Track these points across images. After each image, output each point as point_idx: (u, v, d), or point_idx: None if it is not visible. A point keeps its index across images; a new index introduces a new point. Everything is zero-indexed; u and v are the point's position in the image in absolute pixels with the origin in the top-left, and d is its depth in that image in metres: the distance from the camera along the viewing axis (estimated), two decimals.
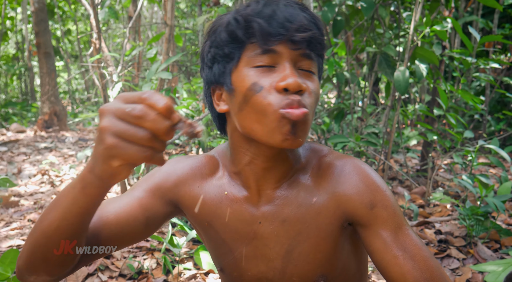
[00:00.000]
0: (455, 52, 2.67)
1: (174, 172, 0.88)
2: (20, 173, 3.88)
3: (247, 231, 0.84)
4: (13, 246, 2.19)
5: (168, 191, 0.87)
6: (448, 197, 2.36)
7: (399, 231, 0.78)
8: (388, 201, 0.79)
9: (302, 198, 0.82)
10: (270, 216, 0.83)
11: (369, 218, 0.79)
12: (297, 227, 0.82)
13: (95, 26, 3.09)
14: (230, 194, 0.85)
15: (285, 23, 0.72)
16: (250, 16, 0.73)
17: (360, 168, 0.82)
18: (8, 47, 12.66)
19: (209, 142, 2.94)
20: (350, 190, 0.80)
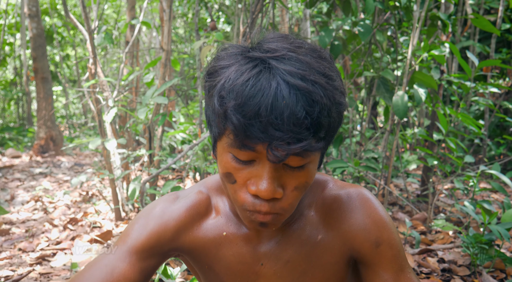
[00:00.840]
0: (453, 76, 2.66)
1: (170, 218, 0.79)
2: (13, 200, 3.80)
3: (249, 273, 0.80)
4: (1, 277, 2.11)
5: (168, 243, 0.79)
6: (451, 224, 2.30)
7: (402, 274, 0.75)
8: (394, 240, 0.76)
9: (306, 236, 0.78)
10: (273, 256, 0.78)
11: (373, 256, 0.75)
12: (301, 267, 0.78)
13: (91, 51, 3.08)
14: (230, 235, 0.79)
15: (267, 129, 0.60)
16: (229, 108, 0.61)
17: (367, 201, 0.78)
18: (7, 73, 12.73)
19: (206, 167, 2.89)
20: (357, 226, 0.77)
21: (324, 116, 0.62)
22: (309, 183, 0.69)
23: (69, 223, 2.99)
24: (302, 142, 0.60)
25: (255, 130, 0.60)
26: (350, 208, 0.77)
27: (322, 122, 0.62)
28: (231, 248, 0.80)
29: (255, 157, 0.65)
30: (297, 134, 0.60)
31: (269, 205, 0.66)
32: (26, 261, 2.36)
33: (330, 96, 0.63)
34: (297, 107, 0.60)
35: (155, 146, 3.07)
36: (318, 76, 0.63)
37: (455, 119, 2.78)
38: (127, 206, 3.08)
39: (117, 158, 2.99)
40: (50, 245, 2.61)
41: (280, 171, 0.65)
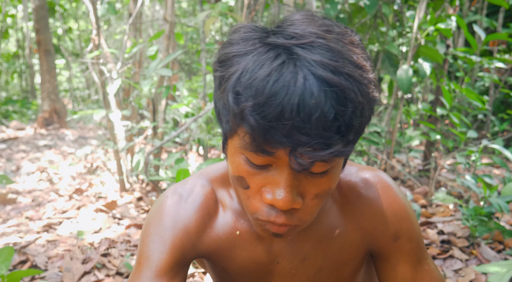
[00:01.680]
0: (459, 50, 2.63)
1: (187, 224, 0.70)
2: (19, 171, 3.85)
3: (263, 272, 0.75)
4: (10, 244, 2.16)
5: (191, 251, 0.70)
6: (451, 197, 2.33)
7: (419, 266, 0.72)
8: (414, 231, 0.72)
9: (324, 231, 0.72)
10: (289, 253, 0.73)
11: (391, 250, 0.72)
12: (318, 264, 0.74)
13: (94, 23, 3.06)
14: (243, 233, 0.72)
15: (292, 133, 0.51)
16: (247, 108, 0.52)
17: (386, 189, 0.72)
18: (9, 45, 12.65)
19: (209, 140, 2.91)
20: (376, 219, 0.71)
21: (357, 116, 0.53)
22: (332, 189, 0.60)
23: (75, 193, 3.04)
24: (331, 147, 0.52)
25: (277, 134, 0.51)
26: (369, 198, 0.71)
27: (354, 123, 0.53)
28: (246, 247, 0.73)
29: (273, 162, 0.56)
30: (326, 139, 0.51)
31: (286, 217, 0.58)
32: (33, 229, 2.41)
33: (364, 92, 0.54)
34: (327, 106, 0.50)
35: (158, 119, 3.09)
36: (352, 68, 0.53)
37: (460, 94, 2.77)
38: (132, 177, 3.12)
39: (121, 130, 3.01)
40: (56, 214, 2.67)
41: (300, 178, 0.57)
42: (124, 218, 2.53)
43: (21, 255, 1.98)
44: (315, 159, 0.52)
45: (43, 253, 2.04)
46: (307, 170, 0.54)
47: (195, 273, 1.80)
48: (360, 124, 0.55)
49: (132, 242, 2.14)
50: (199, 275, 1.79)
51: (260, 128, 0.51)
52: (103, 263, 1.90)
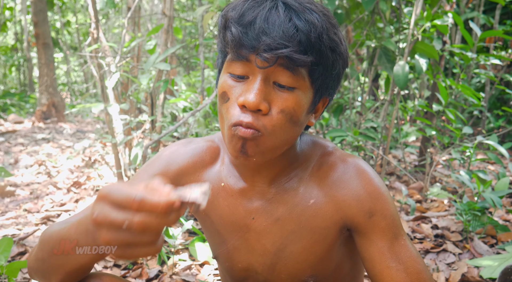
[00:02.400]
0: (455, 47, 2.65)
1: (174, 161, 0.86)
2: (17, 164, 3.87)
3: (241, 224, 0.83)
4: (8, 235, 2.18)
5: (175, 180, 0.85)
6: (446, 192, 2.36)
7: (396, 241, 0.76)
8: (388, 210, 0.77)
9: (299, 199, 0.80)
10: (264, 212, 0.81)
11: (367, 226, 0.77)
12: (290, 227, 0.80)
13: (93, 16, 3.06)
14: (227, 186, 0.83)
15: (259, 35, 0.65)
16: (230, 21, 0.68)
17: (363, 172, 0.79)
18: (7, 38, 12.59)
19: (207, 134, 2.93)
20: (350, 196, 0.77)
21: (314, 36, 0.65)
22: (297, 113, 0.69)
23: (73, 186, 3.05)
24: (289, 48, 0.64)
25: (248, 37, 0.65)
26: (345, 177, 0.78)
27: (312, 41, 0.65)
28: (227, 198, 0.83)
29: (249, 72, 0.69)
30: (285, 41, 0.64)
31: (253, 117, 0.67)
32: (32, 221, 2.43)
33: (323, 23, 0.67)
34: (289, 20, 0.65)
35: (157, 113, 3.10)
36: (317, 9, 0.68)
37: (456, 90, 2.79)
38: (129, 171, 3.13)
39: (119, 124, 3.02)
40: (55, 206, 2.68)
41: (269, 89, 0.68)
42: None
43: (20, 247, 2.00)
44: (276, 54, 0.64)
45: None
46: (271, 67, 0.66)
47: (192, 265, 1.83)
48: (321, 51, 0.67)
49: None
50: (196, 267, 1.82)
51: (237, 32, 0.65)
52: None
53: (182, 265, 1.82)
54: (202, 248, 1.84)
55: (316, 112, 0.78)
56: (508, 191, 2.04)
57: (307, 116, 0.74)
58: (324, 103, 0.78)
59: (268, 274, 0.85)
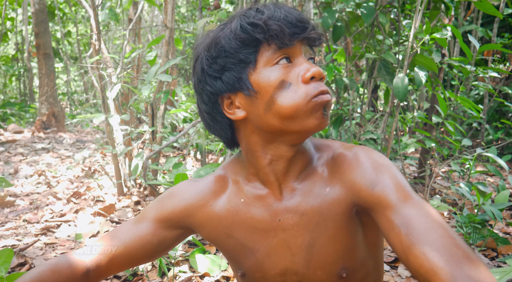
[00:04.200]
0: (454, 60, 2.68)
1: (184, 201, 0.91)
2: (17, 174, 3.87)
3: (268, 229, 0.85)
4: (8, 246, 2.17)
5: (180, 220, 0.91)
6: (446, 205, 2.36)
7: (404, 204, 0.73)
8: (389, 177, 0.77)
9: (317, 189, 0.83)
10: (289, 211, 0.84)
11: (372, 198, 0.76)
12: (315, 219, 0.83)
13: (95, 28, 3.09)
14: (246, 199, 0.86)
15: (298, 24, 0.77)
16: (267, 20, 0.76)
17: (368, 153, 0.82)
18: (8, 48, 12.65)
19: (207, 145, 2.94)
20: (354, 174, 0.80)
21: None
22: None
23: (73, 196, 3.05)
24: (316, 28, 0.80)
25: (291, 28, 0.77)
26: (352, 161, 0.81)
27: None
28: (249, 211, 0.86)
29: (292, 55, 0.79)
30: (313, 25, 0.80)
31: (322, 84, 0.79)
32: (31, 231, 2.43)
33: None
34: (299, 12, 0.80)
35: (157, 123, 3.11)
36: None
37: (455, 103, 2.81)
38: (129, 182, 3.13)
39: (119, 134, 3.03)
40: (54, 217, 2.68)
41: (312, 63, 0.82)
42: (122, 222, 2.55)
43: (20, 258, 2.00)
44: (317, 35, 0.80)
45: (41, 256, 2.05)
46: (314, 45, 0.82)
47: (192, 277, 1.82)
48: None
49: None
50: (196, 279, 1.81)
51: (282, 29, 0.76)
52: None
53: (182, 276, 1.81)
54: (203, 260, 1.84)
55: None
56: (508, 204, 2.04)
57: None
58: None
59: (304, 273, 0.85)
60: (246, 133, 0.83)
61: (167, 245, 0.93)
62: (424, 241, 0.67)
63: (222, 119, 0.84)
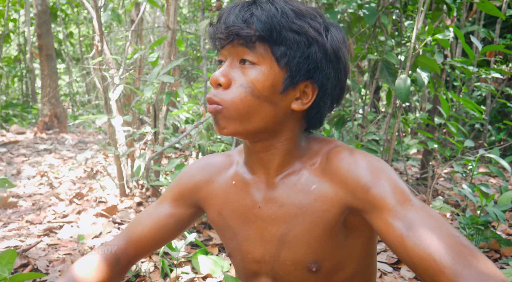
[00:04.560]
0: (456, 61, 2.68)
1: (193, 177, 0.98)
2: (19, 174, 3.87)
3: (249, 215, 0.90)
4: (11, 247, 2.18)
5: (190, 196, 0.98)
6: (448, 206, 2.36)
7: (401, 207, 0.72)
8: (385, 179, 0.76)
9: (301, 185, 0.84)
10: (269, 200, 0.87)
11: (367, 200, 0.76)
12: (293, 211, 0.84)
13: (98, 29, 3.10)
14: (237, 182, 0.91)
15: (222, 25, 0.79)
16: (212, 23, 0.82)
17: (364, 155, 0.81)
18: (10, 49, 12.68)
19: (209, 146, 2.94)
20: (348, 175, 0.79)
21: (266, 19, 0.75)
22: (257, 87, 0.78)
23: (75, 197, 3.06)
24: (236, 27, 0.76)
25: (217, 29, 0.79)
26: (345, 162, 0.80)
27: (263, 21, 0.75)
28: (236, 193, 0.91)
29: (223, 58, 0.82)
30: (236, 24, 0.76)
31: (214, 91, 0.80)
32: (34, 232, 2.43)
33: (283, 10, 0.76)
34: (246, 10, 0.77)
35: (159, 125, 3.12)
36: (284, 3, 0.78)
37: (457, 103, 2.81)
38: (132, 183, 3.14)
39: (122, 135, 3.04)
40: (57, 218, 2.68)
41: (235, 68, 0.79)
42: (124, 223, 2.55)
43: (22, 259, 2.00)
44: (228, 32, 0.76)
45: (44, 257, 2.05)
46: (227, 45, 0.79)
47: (195, 278, 1.82)
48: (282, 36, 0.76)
49: None
50: (199, 280, 1.81)
51: (212, 28, 0.81)
52: None
53: (185, 278, 1.81)
54: (205, 261, 1.84)
55: (305, 99, 0.82)
56: (511, 205, 2.04)
57: (280, 95, 0.80)
58: (314, 91, 0.82)
59: (275, 261, 0.88)
60: None
61: (183, 224, 1.00)
62: (428, 242, 0.67)
63: None
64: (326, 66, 0.80)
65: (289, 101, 0.81)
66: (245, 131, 0.81)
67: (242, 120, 0.79)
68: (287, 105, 0.81)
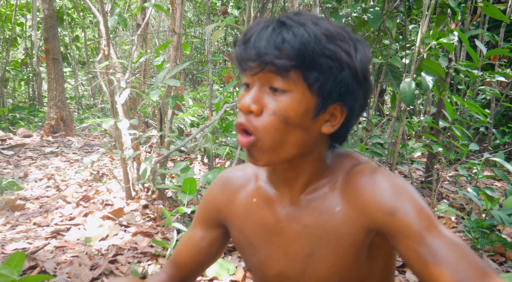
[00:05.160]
0: (461, 64, 2.68)
1: (215, 198, 0.98)
2: (26, 177, 3.91)
3: (272, 232, 0.88)
4: (18, 249, 2.20)
5: (215, 217, 0.98)
6: (453, 209, 2.36)
7: (427, 234, 0.72)
8: (410, 204, 0.75)
9: (326, 206, 0.83)
10: (293, 219, 0.86)
11: (392, 225, 0.75)
12: (317, 233, 0.83)
13: (105, 33, 3.13)
14: (258, 199, 0.90)
15: (251, 48, 0.74)
16: (237, 47, 0.78)
17: (387, 177, 0.79)
18: (17, 53, 12.79)
19: (215, 150, 2.96)
20: (370, 198, 0.77)
21: (299, 44, 0.71)
22: (290, 115, 0.75)
23: (82, 200, 3.08)
24: (269, 55, 0.72)
25: (245, 51, 0.75)
26: (368, 183, 0.79)
27: (296, 48, 0.72)
28: (258, 211, 0.89)
29: (251, 81, 0.77)
30: (268, 50, 0.72)
31: (245, 119, 0.76)
32: (41, 235, 2.46)
33: (315, 34, 0.72)
34: (277, 34, 0.72)
35: (165, 128, 3.14)
36: (314, 24, 0.74)
37: (461, 107, 2.82)
38: (137, 185, 3.16)
39: (128, 139, 3.06)
40: (64, 220, 2.71)
41: (265, 94, 0.76)
42: (131, 226, 2.57)
43: (31, 261, 2.02)
44: (261, 61, 0.72)
45: (52, 259, 2.08)
46: (260, 73, 0.74)
47: (201, 281, 1.84)
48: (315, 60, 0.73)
49: (139, 250, 2.18)
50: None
51: (238, 49, 0.76)
52: (111, 269, 1.93)
53: None
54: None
55: (334, 121, 0.80)
56: None
57: (312, 120, 0.77)
58: (342, 113, 0.80)
59: (300, 278, 0.87)
60: None
61: (218, 245, 1.00)
62: (455, 271, 0.68)
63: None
64: (355, 89, 0.79)
65: (319, 125, 0.79)
66: (279, 159, 0.79)
67: (276, 149, 0.77)
68: (318, 129, 0.79)
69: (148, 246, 2.23)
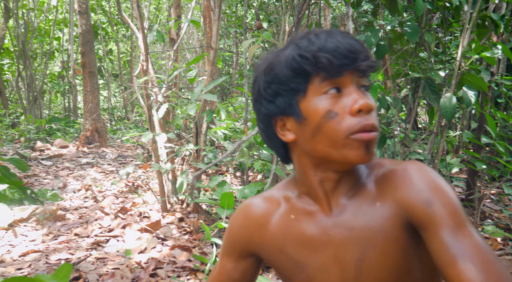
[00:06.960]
0: (506, 79, 2.61)
1: (238, 231, 0.97)
2: (65, 188, 4.01)
3: (317, 244, 0.87)
4: (62, 260, 2.25)
5: (243, 248, 0.96)
6: (501, 231, 2.28)
7: (459, 231, 0.74)
8: (447, 198, 0.77)
9: (367, 205, 0.84)
10: (338, 226, 0.85)
11: (427, 216, 0.76)
12: (364, 234, 0.83)
13: (143, 49, 3.21)
14: (296, 215, 0.89)
15: (348, 55, 0.77)
16: (317, 52, 0.77)
17: (420, 169, 0.81)
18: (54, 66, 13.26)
19: (250, 164, 2.96)
20: (408, 189, 0.79)
21: (364, 45, 0.79)
22: (374, 108, 0.80)
23: (120, 212, 3.14)
24: (369, 57, 0.78)
25: (340, 60, 0.77)
26: (404, 176, 0.81)
27: (367, 49, 0.79)
28: (299, 225, 0.88)
29: (343, 85, 0.79)
30: (365, 53, 0.78)
31: (372, 119, 0.77)
32: (82, 245, 2.51)
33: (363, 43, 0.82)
34: (355, 41, 0.78)
35: (201, 141, 3.17)
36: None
37: (503, 122, 2.73)
38: (172, 198, 3.20)
39: (164, 152, 3.11)
40: (103, 232, 2.76)
41: (362, 94, 0.80)
42: (168, 239, 2.60)
43: (74, 272, 2.07)
44: (369, 63, 0.77)
45: (94, 271, 2.12)
46: (366, 74, 0.78)
47: None
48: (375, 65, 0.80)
49: (177, 264, 2.19)
50: None
51: (330, 61, 0.76)
52: None
53: None
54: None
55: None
56: None
57: None
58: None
59: None
60: (297, 154, 0.87)
61: (251, 273, 0.99)
62: (480, 271, 0.69)
63: (275, 139, 0.89)
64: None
65: None
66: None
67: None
68: None
69: (187, 260, 2.24)
